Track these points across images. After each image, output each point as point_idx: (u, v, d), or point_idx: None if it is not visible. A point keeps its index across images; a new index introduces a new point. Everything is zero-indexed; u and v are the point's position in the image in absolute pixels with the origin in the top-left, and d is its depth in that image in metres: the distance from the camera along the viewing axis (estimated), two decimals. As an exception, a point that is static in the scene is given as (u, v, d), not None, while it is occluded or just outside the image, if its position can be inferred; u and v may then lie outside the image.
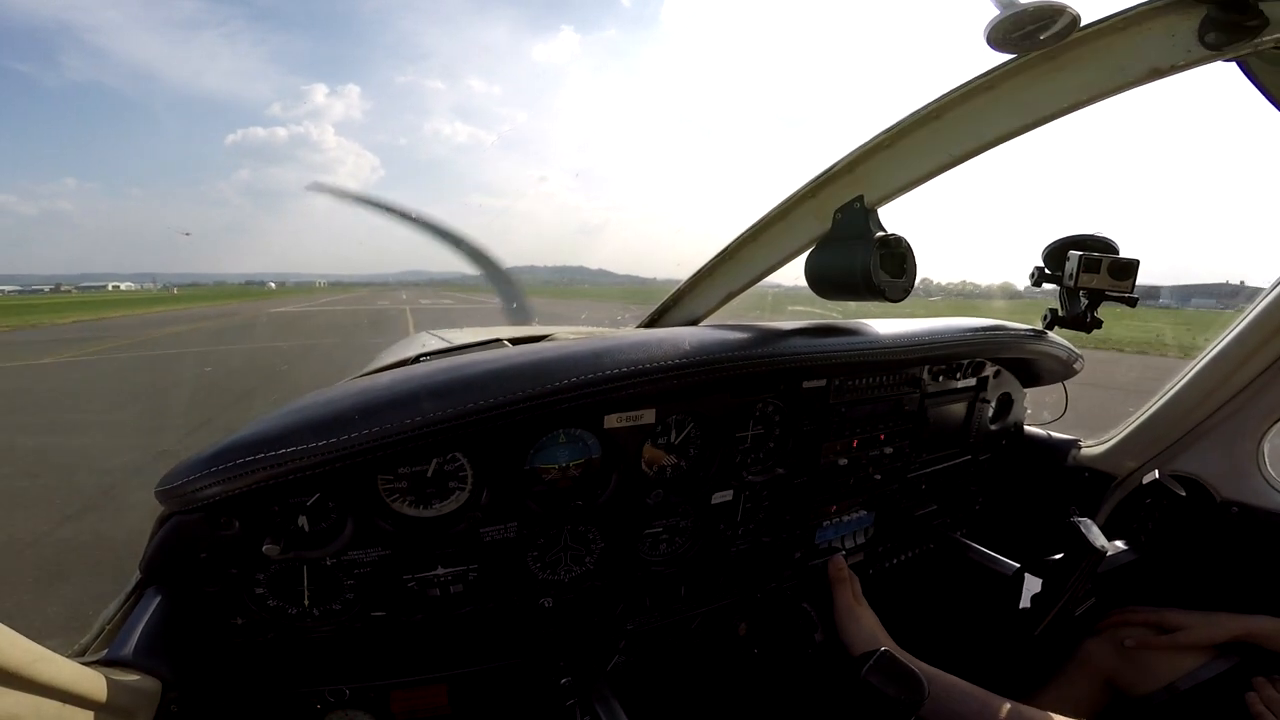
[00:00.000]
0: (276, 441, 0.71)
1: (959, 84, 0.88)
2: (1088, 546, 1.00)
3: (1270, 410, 1.26)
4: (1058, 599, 1.03)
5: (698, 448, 1.08)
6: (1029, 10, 0.67)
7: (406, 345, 1.82)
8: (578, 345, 0.90)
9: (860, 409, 1.21)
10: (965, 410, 1.45)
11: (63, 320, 27.64)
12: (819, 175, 1.06)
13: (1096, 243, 1.24)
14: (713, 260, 1.32)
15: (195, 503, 0.72)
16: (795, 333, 1.05)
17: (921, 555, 1.53)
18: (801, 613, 1.22)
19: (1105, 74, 0.77)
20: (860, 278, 1.00)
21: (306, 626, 0.87)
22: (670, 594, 1.13)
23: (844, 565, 1.20)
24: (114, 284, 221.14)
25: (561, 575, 1.02)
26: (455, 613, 0.95)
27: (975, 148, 0.90)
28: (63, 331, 21.17)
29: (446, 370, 0.83)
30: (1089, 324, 1.25)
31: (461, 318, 22.76)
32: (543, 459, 0.95)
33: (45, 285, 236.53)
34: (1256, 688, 1.08)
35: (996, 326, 1.33)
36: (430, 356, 1.21)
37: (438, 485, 0.88)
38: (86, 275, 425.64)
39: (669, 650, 1.19)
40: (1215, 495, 1.33)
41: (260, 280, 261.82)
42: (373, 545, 0.85)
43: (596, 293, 71.88)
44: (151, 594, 0.75)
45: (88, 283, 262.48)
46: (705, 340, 0.95)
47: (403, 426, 0.74)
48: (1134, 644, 1.23)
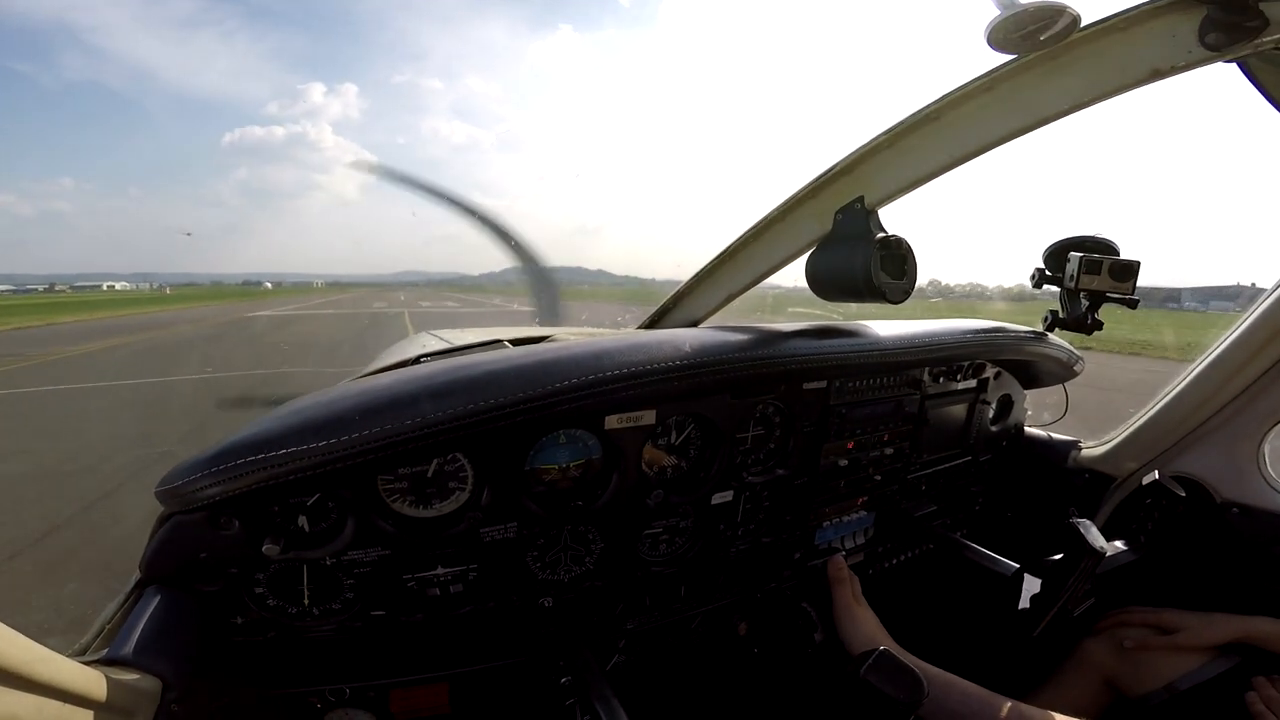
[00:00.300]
0: (277, 442, 0.71)
1: (959, 84, 0.88)
2: (1087, 547, 1.01)
3: (1270, 412, 1.26)
4: (1057, 599, 1.03)
5: (698, 448, 1.08)
6: (1029, 10, 0.67)
7: (407, 346, 1.82)
8: (578, 346, 0.90)
9: (860, 410, 1.21)
10: (965, 412, 1.45)
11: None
12: (819, 176, 1.06)
13: (1097, 244, 1.24)
14: (713, 261, 1.32)
15: (195, 503, 0.72)
16: (796, 334, 1.05)
17: (921, 556, 1.53)
18: (801, 613, 1.22)
19: (1106, 74, 0.77)
20: (861, 279, 1.00)
21: (306, 626, 0.87)
22: (670, 594, 1.13)
23: (844, 565, 1.20)
24: (109, 284, 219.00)
25: (561, 575, 1.02)
26: (455, 612, 0.95)
27: (976, 148, 0.90)
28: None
29: (447, 371, 0.83)
30: (1089, 326, 1.25)
31: (469, 321, 21.28)
32: (543, 459, 0.95)
33: (40, 285, 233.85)
34: (1256, 688, 1.08)
35: (997, 328, 1.33)
36: (430, 357, 1.21)
37: (438, 485, 0.88)
38: (84, 275, 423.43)
39: (669, 650, 1.19)
40: (1215, 496, 1.33)
41: (256, 280, 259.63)
42: (373, 545, 0.85)
43: (595, 294, 71.15)
44: (151, 593, 0.75)
45: (83, 282, 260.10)
46: (706, 341, 0.95)
47: (403, 427, 0.74)
48: (1133, 644, 1.23)
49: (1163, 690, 1.16)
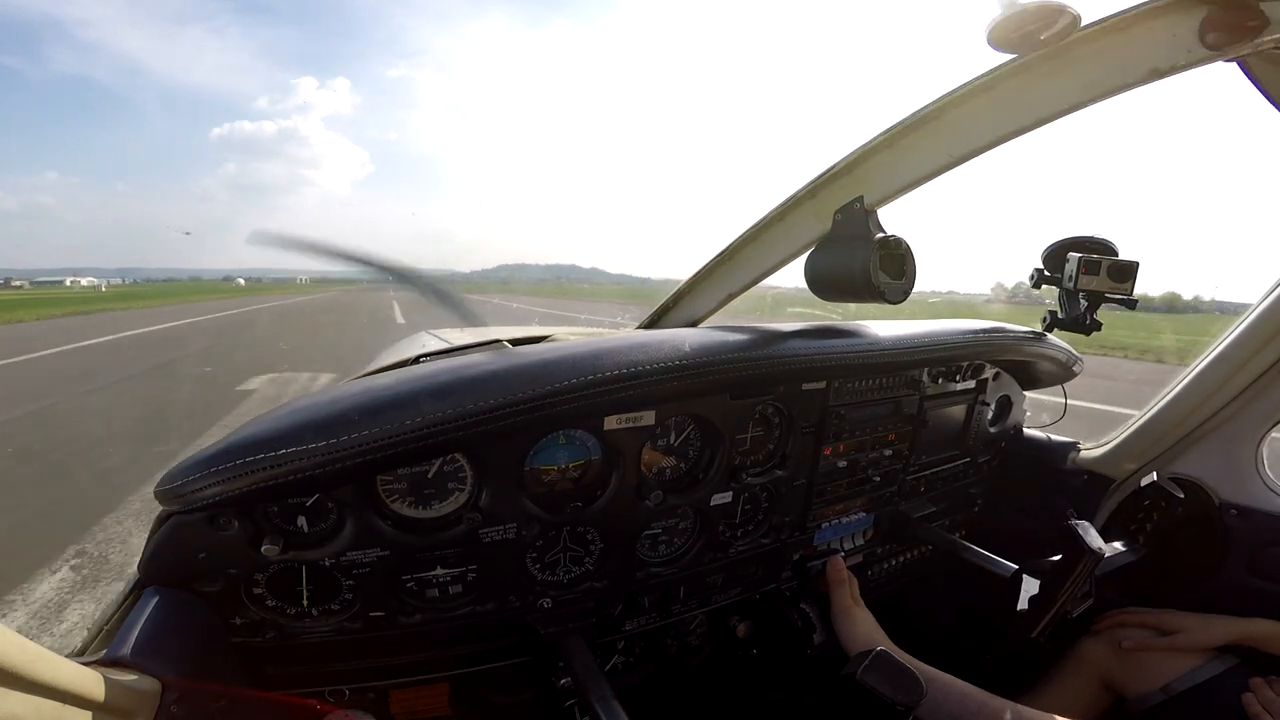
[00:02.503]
0: (276, 442, 0.71)
1: (959, 84, 0.88)
2: (1085, 548, 1.01)
3: (1269, 413, 1.26)
4: (1055, 601, 1.03)
5: (697, 449, 1.08)
6: (1029, 10, 0.67)
7: (406, 345, 1.82)
8: (577, 346, 0.90)
9: (859, 411, 1.22)
10: (964, 413, 1.45)
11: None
12: (819, 176, 1.06)
13: (1096, 244, 1.24)
14: (712, 261, 1.32)
15: (194, 503, 0.72)
16: (795, 334, 1.05)
17: (920, 557, 1.53)
18: (801, 613, 1.22)
19: (1105, 74, 0.77)
20: (860, 279, 1.00)
21: (306, 627, 0.87)
22: (669, 595, 1.13)
23: (843, 566, 1.20)
24: (74, 279, 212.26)
25: (560, 576, 1.02)
26: (454, 613, 0.95)
27: (975, 148, 0.90)
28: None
29: (446, 371, 0.83)
30: (1088, 326, 1.25)
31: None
32: (542, 460, 0.95)
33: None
34: (1254, 689, 1.08)
35: (996, 329, 1.33)
36: (430, 357, 1.21)
37: (437, 486, 0.88)
38: (69, 269, 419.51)
39: (668, 651, 1.19)
40: (1214, 497, 1.33)
41: (233, 276, 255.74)
42: (372, 546, 0.85)
43: (592, 293, 69.72)
44: (151, 594, 0.75)
45: (44, 278, 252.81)
46: (705, 342, 0.95)
47: (403, 427, 0.74)
48: (1132, 645, 1.24)
49: (1160, 691, 1.17)
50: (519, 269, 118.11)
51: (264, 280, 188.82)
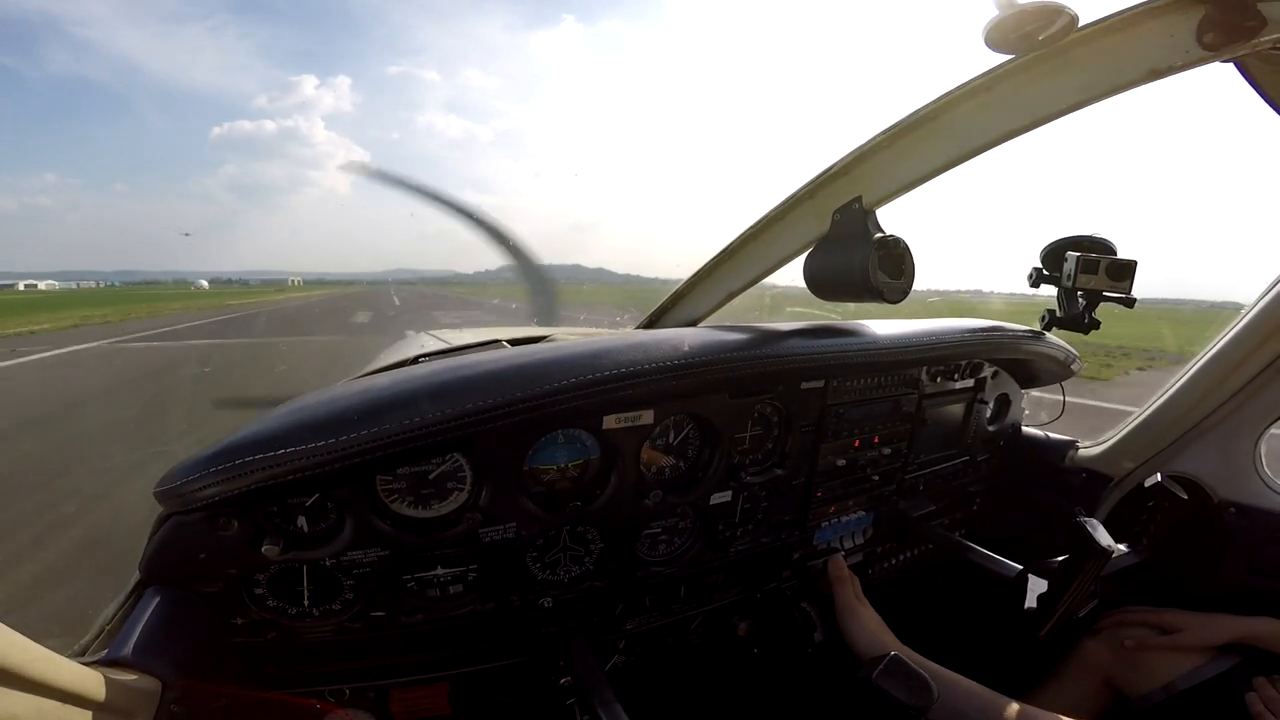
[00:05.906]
0: (276, 442, 0.71)
1: (958, 84, 0.88)
2: (1095, 546, 1.00)
3: (1267, 411, 1.26)
4: (1063, 600, 1.03)
5: (696, 449, 1.08)
6: (1028, 10, 0.67)
7: (406, 346, 1.82)
8: (576, 346, 0.90)
9: (858, 410, 1.22)
10: (963, 411, 1.45)
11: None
12: (818, 176, 1.06)
13: (1094, 243, 1.24)
14: (712, 261, 1.32)
15: (194, 503, 0.72)
16: (794, 334, 1.05)
17: (920, 556, 1.53)
18: (801, 613, 1.22)
19: (1104, 75, 0.77)
20: (859, 279, 1.00)
21: (306, 627, 0.88)
22: (670, 594, 1.13)
23: (844, 564, 1.20)
24: (28, 283, 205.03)
25: (560, 575, 1.02)
26: (454, 613, 0.95)
27: (974, 148, 0.90)
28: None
29: (446, 371, 0.83)
30: (1087, 325, 1.25)
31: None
32: (541, 460, 0.95)
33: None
34: (1257, 688, 1.08)
35: (994, 327, 1.33)
36: (429, 357, 1.21)
37: (437, 486, 0.88)
38: (66, 273, 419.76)
39: (669, 650, 1.19)
40: (1213, 496, 1.33)
41: (228, 279, 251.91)
42: (372, 546, 0.85)
43: (595, 293, 68.33)
44: (151, 594, 0.75)
45: (5, 281, 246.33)
46: (704, 341, 0.95)
47: (402, 427, 0.74)
48: (1134, 644, 1.24)
49: (1163, 690, 1.17)
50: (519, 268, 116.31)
51: (251, 283, 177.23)
